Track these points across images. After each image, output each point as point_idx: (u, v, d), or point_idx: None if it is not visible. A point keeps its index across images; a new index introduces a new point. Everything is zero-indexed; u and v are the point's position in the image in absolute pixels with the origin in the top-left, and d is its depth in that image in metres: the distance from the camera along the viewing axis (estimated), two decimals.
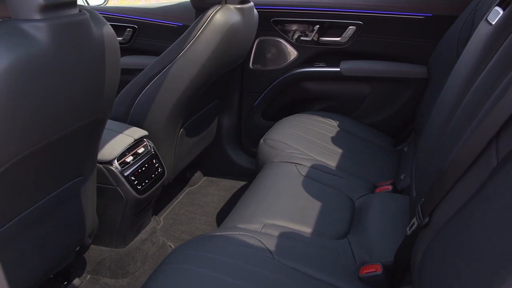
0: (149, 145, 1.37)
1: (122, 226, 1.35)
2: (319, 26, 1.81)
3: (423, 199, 0.80)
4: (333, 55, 1.87)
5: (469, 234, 0.57)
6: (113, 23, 1.98)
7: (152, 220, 1.60)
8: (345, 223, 1.15)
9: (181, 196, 1.95)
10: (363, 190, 1.31)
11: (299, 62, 1.89)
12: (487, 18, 0.96)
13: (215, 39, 1.37)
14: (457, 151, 0.70)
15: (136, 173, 1.28)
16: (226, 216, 1.20)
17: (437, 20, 1.69)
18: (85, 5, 2.20)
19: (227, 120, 2.01)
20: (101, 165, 1.22)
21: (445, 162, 0.74)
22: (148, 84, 1.39)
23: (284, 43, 1.88)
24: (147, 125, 1.41)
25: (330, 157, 1.46)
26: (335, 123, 1.73)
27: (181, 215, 1.81)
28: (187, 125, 1.60)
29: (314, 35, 1.83)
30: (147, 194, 1.33)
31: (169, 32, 1.94)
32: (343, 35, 1.81)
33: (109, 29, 0.85)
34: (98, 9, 2.12)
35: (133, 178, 1.27)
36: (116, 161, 1.23)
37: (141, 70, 1.43)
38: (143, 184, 1.31)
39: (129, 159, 1.27)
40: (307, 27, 1.84)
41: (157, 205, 1.80)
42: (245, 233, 1.01)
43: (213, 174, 2.11)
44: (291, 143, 1.50)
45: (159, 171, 1.39)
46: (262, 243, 0.98)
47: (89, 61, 0.80)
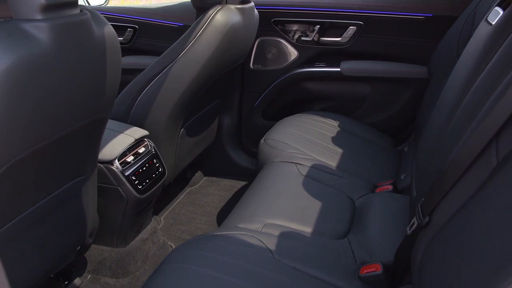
0: (150, 145, 1.37)
1: (122, 225, 1.35)
2: (319, 26, 1.81)
3: (423, 198, 0.80)
4: (333, 55, 1.87)
5: (469, 233, 0.57)
6: (114, 23, 1.98)
7: (152, 220, 1.60)
8: (346, 223, 1.15)
9: (182, 196, 1.95)
10: (364, 190, 1.31)
11: (300, 62, 1.89)
12: (487, 18, 0.96)
13: (215, 39, 1.37)
14: (457, 151, 0.70)
15: (136, 173, 1.28)
16: (226, 216, 1.20)
17: (438, 20, 1.69)
18: (86, 5, 2.20)
19: (227, 120, 2.01)
20: (102, 165, 1.22)
21: (445, 162, 0.74)
22: (148, 84, 1.39)
23: (284, 43, 1.88)
24: (147, 125, 1.41)
25: (330, 157, 1.46)
26: (335, 123, 1.73)
27: (182, 215, 1.81)
28: (187, 125, 1.60)
29: (314, 35, 1.83)
30: (147, 194, 1.33)
31: (170, 32, 1.94)
32: (343, 35, 1.81)
33: (110, 29, 0.86)
34: (99, 9, 2.12)
35: (133, 177, 1.27)
36: (117, 160, 1.23)
37: (142, 70, 1.43)
38: (144, 184, 1.31)
39: (130, 159, 1.27)
40: (308, 27, 1.84)
41: (158, 205, 1.80)
42: (245, 233, 1.01)
43: (213, 174, 2.11)
44: (292, 143, 1.50)
45: (160, 171, 1.39)
46: (262, 242, 0.98)
47: (90, 61, 0.80)
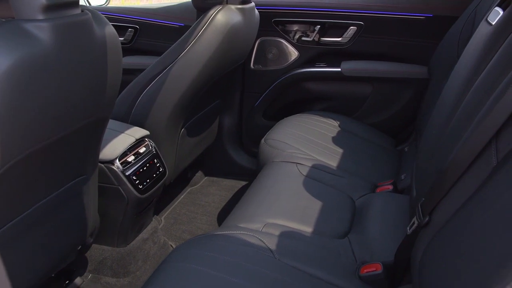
0: (151, 144, 1.37)
1: (123, 225, 1.35)
2: (320, 26, 1.81)
3: (423, 198, 0.80)
4: (334, 55, 1.87)
5: (469, 233, 0.57)
6: (114, 23, 1.99)
7: (153, 219, 1.60)
8: (346, 223, 1.15)
9: (182, 196, 1.95)
10: (364, 189, 1.31)
11: (300, 62, 1.90)
12: (487, 18, 0.96)
13: (216, 40, 1.37)
14: (457, 151, 0.71)
15: (137, 173, 1.28)
16: (227, 215, 1.20)
17: (438, 20, 1.69)
18: (87, 5, 2.20)
19: (228, 120, 2.01)
20: (102, 165, 1.22)
21: (445, 161, 0.74)
22: (149, 84, 1.39)
23: (285, 43, 1.88)
24: (148, 125, 1.42)
25: (331, 157, 1.47)
26: (336, 123, 1.73)
27: (182, 215, 1.81)
28: (188, 125, 1.60)
29: (315, 36, 1.83)
30: (148, 193, 1.33)
31: (171, 32, 1.94)
32: (344, 36, 1.81)
33: (111, 29, 0.86)
34: (99, 9, 2.12)
35: (134, 177, 1.27)
36: (117, 160, 1.23)
37: (143, 70, 1.43)
38: (145, 183, 1.32)
39: (131, 158, 1.28)
40: (308, 27, 1.84)
41: (158, 205, 1.80)
42: (246, 232, 1.01)
43: (214, 174, 2.11)
44: (292, 143, 1.50)
45: (161, 170, 1.39)
46: (263, 242, 0.98)
47: (91, 61, 0.80)
